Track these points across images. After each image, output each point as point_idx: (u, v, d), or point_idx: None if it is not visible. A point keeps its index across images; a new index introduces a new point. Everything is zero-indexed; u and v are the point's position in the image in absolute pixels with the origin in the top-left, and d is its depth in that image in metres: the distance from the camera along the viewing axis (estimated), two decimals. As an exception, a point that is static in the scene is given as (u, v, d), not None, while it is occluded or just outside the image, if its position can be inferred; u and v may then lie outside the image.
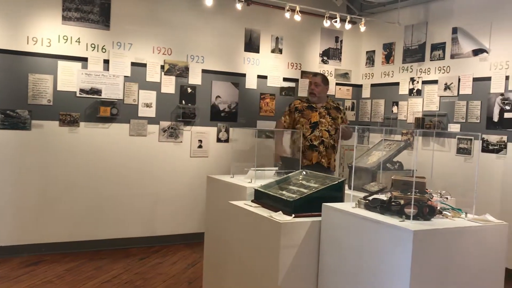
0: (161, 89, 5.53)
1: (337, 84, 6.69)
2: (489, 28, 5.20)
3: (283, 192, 2.89)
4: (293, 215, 2.60)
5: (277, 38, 6.24)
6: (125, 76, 5.32)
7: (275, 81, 6.25)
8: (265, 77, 6.17)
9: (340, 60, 6.75)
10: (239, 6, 5.16)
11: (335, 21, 5.56)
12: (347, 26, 5.86)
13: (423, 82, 5.95)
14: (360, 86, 6.90)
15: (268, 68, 6.19)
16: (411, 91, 6.10)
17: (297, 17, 5.36)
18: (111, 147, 5.31)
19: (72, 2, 5.03)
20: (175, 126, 5.64)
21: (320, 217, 2.59)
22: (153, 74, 5.47)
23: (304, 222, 2.58)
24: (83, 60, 5.11)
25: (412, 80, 6.08)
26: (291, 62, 6.36)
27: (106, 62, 5.22)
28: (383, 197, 2.50)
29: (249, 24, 6.03)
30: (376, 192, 2.71)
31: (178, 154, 5.69)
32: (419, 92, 5.99)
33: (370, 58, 6.77)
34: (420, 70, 5.99)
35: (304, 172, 3.11)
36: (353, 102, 6.86)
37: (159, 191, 5.61)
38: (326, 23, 5.56)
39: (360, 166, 3.27)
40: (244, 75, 6.04)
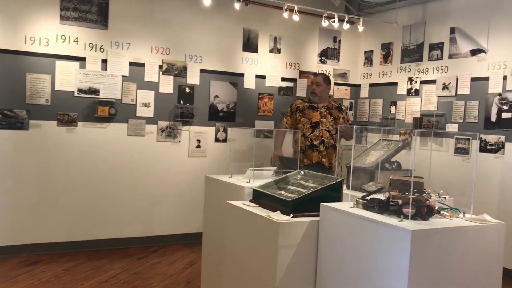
0: (159, 89, 5.53)
1: (335, 84, 6.68)
2: (487, 28, 5.21)
3: (281, 192, 2.89)
4: (291, 215, 2.60)
5: (275, 38, 6.24)
6: (123, 76, 5.32)
7: (274, 81, 6.25)
8: (263, 77, 6.18)
9: (338, 60, 6.75)
10: (237, 5, 5.15)
11: (333, 21, 5.57)
12: (345, 26, 5.86)
13: (421, 82, 5.95)
14: (358, 86, 6.91)
15: (266, 68, 6.19)
16: (409, 91, 6.11)
17: (295, 17, 5.36)
18: (109, 147, 5.31)
19: (70, 2, 5.02)
20: (173, 126, 5.64)
21: (318, 217, 2.59)
22: (151, 74, 5.47)
23: (302, 222, 2.58)
24: (81, 59, 5.11)
25: (410, 80, 6.09)
26: (289, 62, 6.37)
27: (104, 61, 5.22)
28: (381, 197, 2.51)
29: (247, 24, 6.03)
30: (374, 192, 2.71)
31: (176, 154, 5.68)
32: (417, 92, 6.00)
33: (368, 58, 6.78)
34: (418, 70, 6.00)
35: (303, 172, 3.12)
36: (351, 102, 6.87)
37: (157, 191, 5.61)
38: (324, 23, 5.57)
39: (358, 166, 3.27)
40: (242, 75, 6.04)
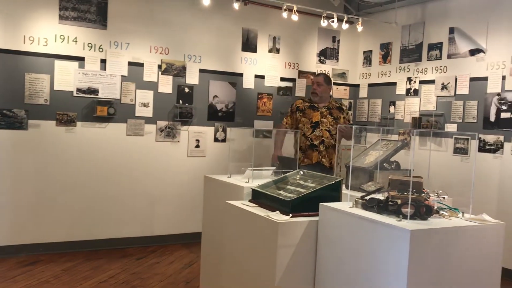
0: (158, 89, 5.52)
1: (334, 84, 6.68)
2: (485, 28, 5.21)
3: (280, 191, 2.89)
4: (290, 215, 2.60)
5: (274, 38, 6.24)
6: (122, 76, 5.31)
7: (273, 80, 6.25)
8: (262, 76, 6.17)
9: (337, 60, 6.75)
10: (236, 5, 5.15)
11: (332, 21, 5.57)
12: (344, 26, 5.86)
13: (420, 82, 5.96)
14: (357, 86, 6.91)
15: (265, 68, 6.19)
16: (408, 91, 6.12)
17: (295, 17, 5.37)
18: (108, 147, 5.30)
19: (69, 2, 5.02)
20: (172, 125, 5.63)
21: (318, 216, 2.59)
22: (150, 73, 5.47)
23: (302, 221, 2.58)
24: (80, 59, 5.10)
25: (409, 80, 6.10)
26: (288, 62, 6.37)
27: (103, 61, 5.21)
28: (380, 196, 2.51)
29: (247, 24, 6.03)
30: (373, 192, 2.71)
31: (175, 154, 5.68)
32: (416, 92, 6.00)
33: (367, 58, 6.78)
34: (417, 70, 6.00)
35: (302, 172, 3.12)
36: (350, 102, 6.87)
37: (156, 191, 5.61)
38: (324, 23, 5.57)
39: (357, 165, 3.27)
40: (241, 74, 6.04)
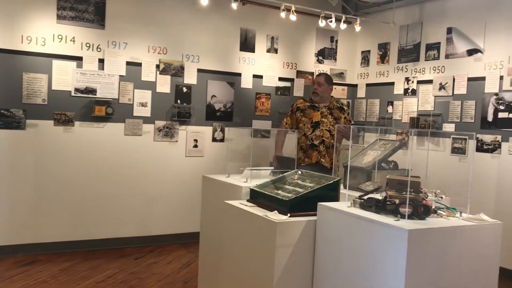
0: (156, 89, 5.52)
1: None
2: (483, 28, 5.22)
3: (278, 191, 2.89)
4: (288, 215, 2.60)
5: (272, 38, 6.24)
6: (120, 76, 5.31)
7: (271, 80, 6.25)
8: (260, 76, 6.18)
9: (335, 60, 6.76)
10: (234, 5, 5.15)
11: (330, 21, 5.57)
12: (342, 26, 5.86)
13: (418, 82, 5.97)
14: (355, 85, 6.91)
15: (263, 68, 6.19)
16: (406, 91, 6.12)
17: (293, 17, 5.36)
18: (106, 147, 5.30)
19: (66, 1, 5.01)
20: (170, 125, 5.63)
21: (316, 216, 2.59)
22: (148, 73, 5.46)
23: (300, 221, 2.58)
24: (78, 59, 5.10)
25: (407, 80, 6.10)
26: (286, 61, 6.37)
27: (101, 61, 5.21)
28: (378, 196, 2.51)
29: (245, 24, 6.03)
30: (371, 192, 2.72)
31: (173, 153, 5.68)
32: (414, 92, 6.01)
33: (365, 58, 6.78)
34: (415, 70, 6.01)
35: (300, 172, 3.12)
36: (348, 102, 6.87)
37: (154, 190, 5.60)
38: (322, 23, 5.57)
39: (355, 165, 3.27)
40: (239, 74, 6.04)
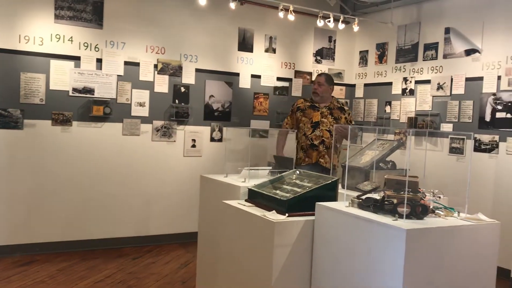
0: (154, 88, 5.51)
1: (330, 83, 6.69)
2: (481, 28, 5.23)
3: (276, 191, 2.89)
4: (286, 214, 2.60)
5: (270, 38, 6.24)
6: (118, 75, 5.30)
7: (269, 80, 6.25)
8: (258, 76, 6.18)
9: (333, 59, 6.76)
10: (232, 5, 5.15)
11: (329, 21, 5.57)
12: (341, 26, 5.87)
13: (416, 82, 5.97)
14: (354, 85, 6.92)
15: (261, 68, 6.19)
16: (404, 90, 6.13)
17: (291, 17, 5.36)
18: (104, 147, 5.29)
19: (64, 1, 5.00)
20: (168, 125, 5.62)
21: (314, 216, 2.60)
22: (146, 73, 5.46)
23: (298, 221, 2.58)
24: (76, 59, 5.09)
25: (405, 80, 6.11)
26: (284, 61, 6.37)
27: (99, 61, 5.20)
28: (376, 196, 2.51)
29: (243, 24, 6.03)
30: (369, 191, 2.72)
31: (171, 153, 5.67)
32: (412, 92, 6.02)
33: (363, 58, 6.79)
34: (413, 70, 6.02)
35: (298, 172, 3.12)
36: (347, 102, 6.87)
37: (152, 190, 5.60)
38: (320, 23, 5.57)
39: (353, 165, 3.28)
40: (237, 74, 6.04)
